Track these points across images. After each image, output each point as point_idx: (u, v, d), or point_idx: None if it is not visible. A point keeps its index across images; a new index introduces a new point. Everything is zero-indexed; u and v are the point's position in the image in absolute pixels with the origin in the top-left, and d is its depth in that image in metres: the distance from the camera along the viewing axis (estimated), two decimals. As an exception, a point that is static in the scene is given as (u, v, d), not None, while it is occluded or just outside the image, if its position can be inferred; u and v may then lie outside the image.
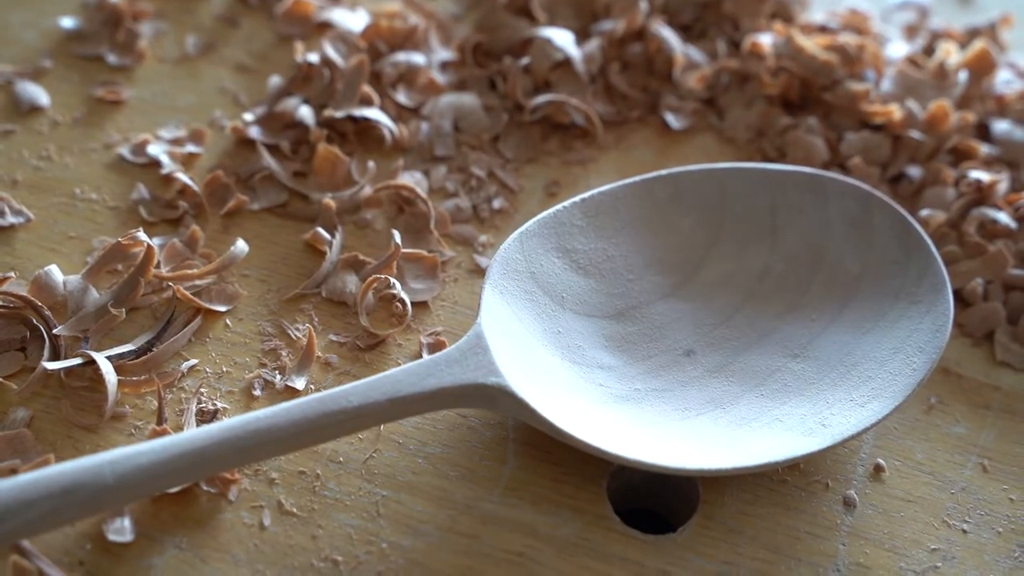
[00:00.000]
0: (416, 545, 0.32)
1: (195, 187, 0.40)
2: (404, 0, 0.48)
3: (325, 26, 0.47)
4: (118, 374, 0.34)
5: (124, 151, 0.42)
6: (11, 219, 0.39)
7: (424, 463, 0.34)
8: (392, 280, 0.37)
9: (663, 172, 0.38)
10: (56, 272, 0.37)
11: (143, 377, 0.35)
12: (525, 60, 0.44)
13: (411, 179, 0.41)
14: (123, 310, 0.36)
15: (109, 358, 0.34)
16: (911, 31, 0.50)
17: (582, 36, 0.47)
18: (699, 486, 0.33)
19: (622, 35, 0.46)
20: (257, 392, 0.35)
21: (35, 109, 0.43)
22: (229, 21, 0.48)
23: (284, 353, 0.36)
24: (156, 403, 0.34)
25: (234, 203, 0.40)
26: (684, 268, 0.38)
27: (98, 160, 0.42)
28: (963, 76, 0.45)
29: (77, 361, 0.34)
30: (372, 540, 0.32)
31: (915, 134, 0.43)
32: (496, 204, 0.41)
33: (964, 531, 0.33)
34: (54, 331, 0.35)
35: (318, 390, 0.35)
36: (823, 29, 0.48)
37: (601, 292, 0.37)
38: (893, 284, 0.36)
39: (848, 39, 0.45)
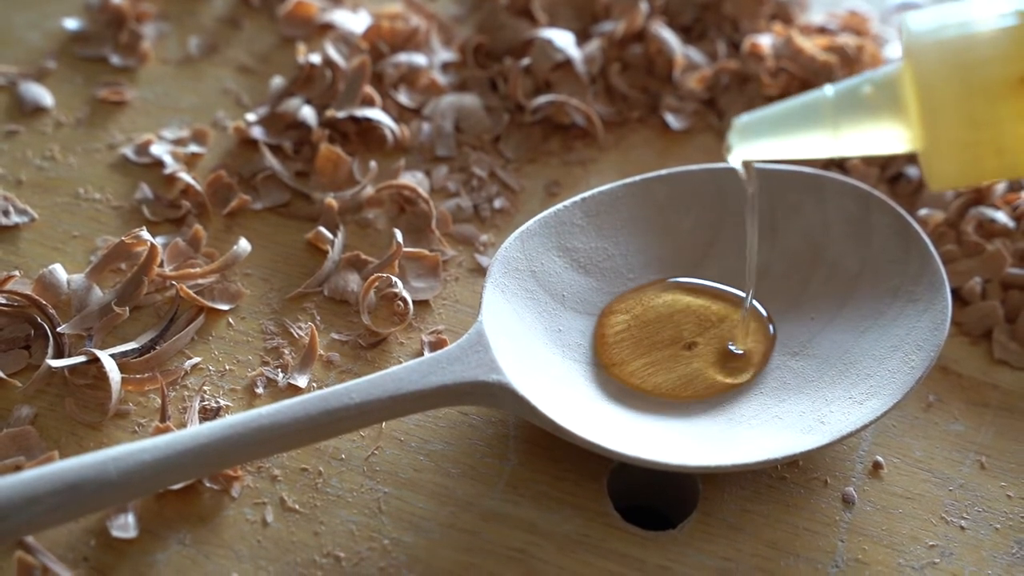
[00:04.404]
0: (418, 541, 0.32)
1: (198, 187, 0.40)
2: (405, 1, 0.48)
3: (327, 27, 0.48)
4: (121, 372, 0.34)
5: (127, 151, 0.42)
6: (15, 218, 0.39)
7: (425, 460, 0.34)
8: (394, 279, 0.37)
9: (663, 172, 0.38)
10: (60, 271, 0.37)
11: (146, 375, 0.35)
12: (526, 61, 0.45)
13: (412, 179, 0.41)
14: (126, 309, 0.36)
15: (113, 356, 0.35)
16: (910, 32, 0.50)
17: (583, 37, 0.47)
18: (699, 483, 0.34)
19: (622, 36, 0.46)
20: (260, 390, 0.35)
21: (39, 110, 0.44)
22: (231, 22, 0.48)
23: (286, 351, 0.36)
24: (159, 401, 0.34)
25: (237, 203, 0.40)
26: (684, 267, 0.38)
27: (101, 160, 0.42)
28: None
29: (81, 359, 0.35)
30: (374, 536, 0.32)
31: (914, 134, 0.43)
32: (497, 204, 0.41)
33: (962, 527, 0.34)
34: (58, 329, 0.35)
35: (320, 388, 0.35)
36: (822, 30, 0.48)
37: (602, 291, 0.37)
38: (892, 283, 0.36)
39: (847, 40, 0.46)
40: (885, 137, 0.35)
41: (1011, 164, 0.34)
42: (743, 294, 0.36)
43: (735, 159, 0.35)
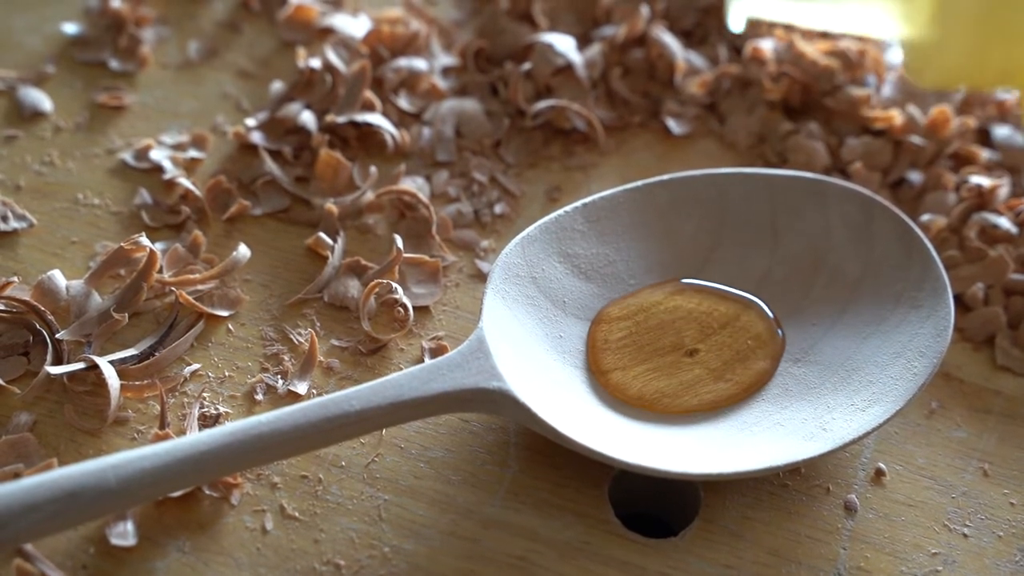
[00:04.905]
0: (418, 549, 0.32)
1: (197, 192, 0.40)
2: (406, 6, 0.48)
3: (327, 32, 0.47)
4: (120, 379, 0.34)
5: (127, 156, 0.42)
6: (14, 224, 0.39)
7: (426, 467, 0.34)
8: (394, 285, 0.37)
9: (664, 177, 0.38)
10: (59, 277, 0.37)
11: (145, 382, 0.35)
12: (527, 65, 0.45)
13: (413, 184, 0.41)
14: (125, 315, 0.36)
15: (112, 363, 0.34)
16: (911, 36, 0.50)
17: (583, 42, 0.47)
18: (700, 490, 0.34)
19: (623, 41, 0.46)
20: (259, 397, 0.35)
21: (38, 114, 0.43)
22: (231, 27, 0.48)
23: (286, 358, 0.36)
24: (158, 407, 0.34)
25: (236, 208, 0.40)
26: (686, 272, 0.38)
27: (101, 165, 0.42)
28: (963, 81, 0.45)
29: (80, 366, 0.34)
30: (374, 544, 0.32)
31: (916, 139, 0.43)
32: (498, 209, 0.41)
33: (965, 535, 0.33)
34: (57, 336, 0.35)
35: (320, 395, 0.35)
36: (824, 35, 0.48)
37: (603, 297, 0.37)
38: (894, 289, 0.36)
39: (849, 44, 0.46)
40: (886, 16, 0.33)
41: (1016, 60, 0.33)
42: (749, 296, 0.37)
43: (734, 16, 0.33)
